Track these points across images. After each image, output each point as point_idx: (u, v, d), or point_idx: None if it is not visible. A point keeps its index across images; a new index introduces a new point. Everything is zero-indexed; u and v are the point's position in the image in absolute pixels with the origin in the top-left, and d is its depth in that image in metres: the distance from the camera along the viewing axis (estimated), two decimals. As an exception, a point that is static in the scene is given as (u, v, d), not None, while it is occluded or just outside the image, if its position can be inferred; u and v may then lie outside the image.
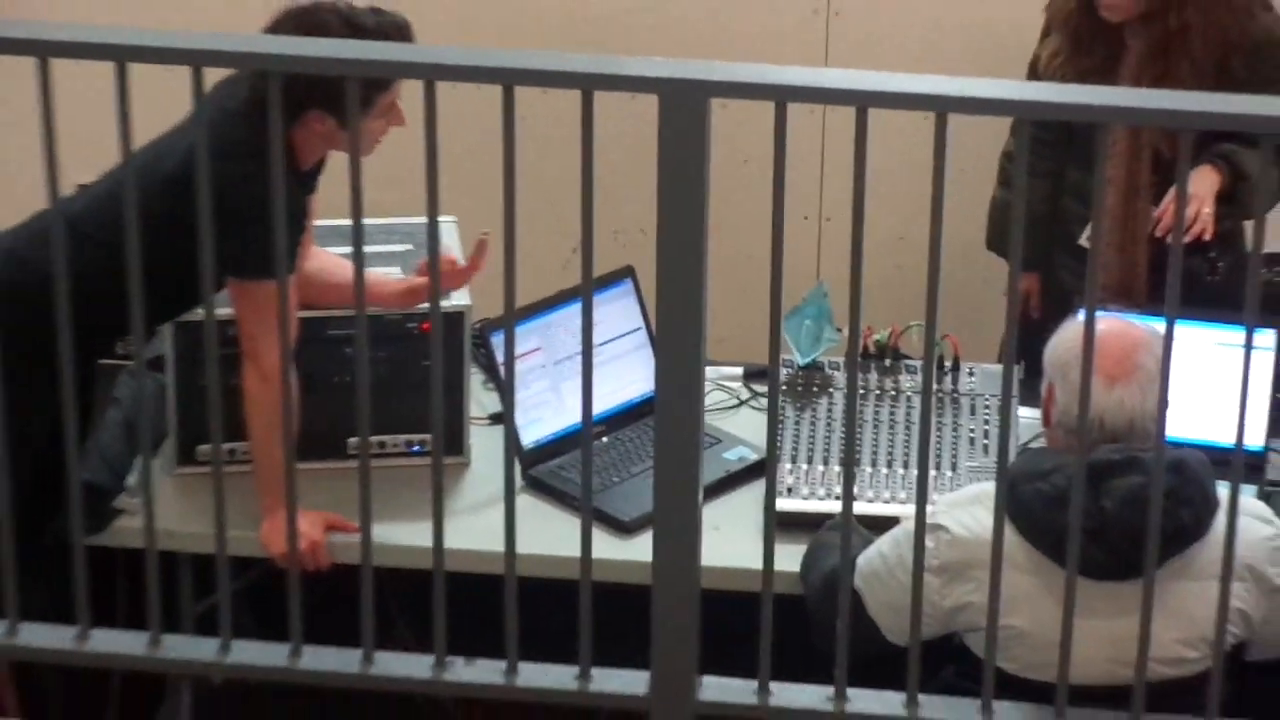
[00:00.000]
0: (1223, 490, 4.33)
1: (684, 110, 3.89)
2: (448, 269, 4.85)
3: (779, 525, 4.45)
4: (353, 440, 4.54)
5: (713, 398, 4.49)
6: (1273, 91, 5.34)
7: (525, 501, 4.60)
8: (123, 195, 4.00)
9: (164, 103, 4.13)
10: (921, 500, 4.23)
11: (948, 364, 5.38)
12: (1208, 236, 5.19)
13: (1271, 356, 4.90)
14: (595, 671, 4.25)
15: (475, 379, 5.40)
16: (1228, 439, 4.51)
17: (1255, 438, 4.93)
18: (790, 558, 4.62)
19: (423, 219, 3.97)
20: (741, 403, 5.48)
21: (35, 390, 4.25)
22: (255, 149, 4.28)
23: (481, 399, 5.41)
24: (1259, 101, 4.93)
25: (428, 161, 3.88)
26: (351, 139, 3.85)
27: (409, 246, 5.30)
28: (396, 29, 4.87)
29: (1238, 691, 4.29)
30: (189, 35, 4.15)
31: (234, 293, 4.77)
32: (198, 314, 4.39)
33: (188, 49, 4.10)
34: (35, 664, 4.60)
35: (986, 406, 5.29)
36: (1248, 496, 4.42)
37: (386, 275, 5.12)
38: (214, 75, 4.18)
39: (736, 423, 5.35)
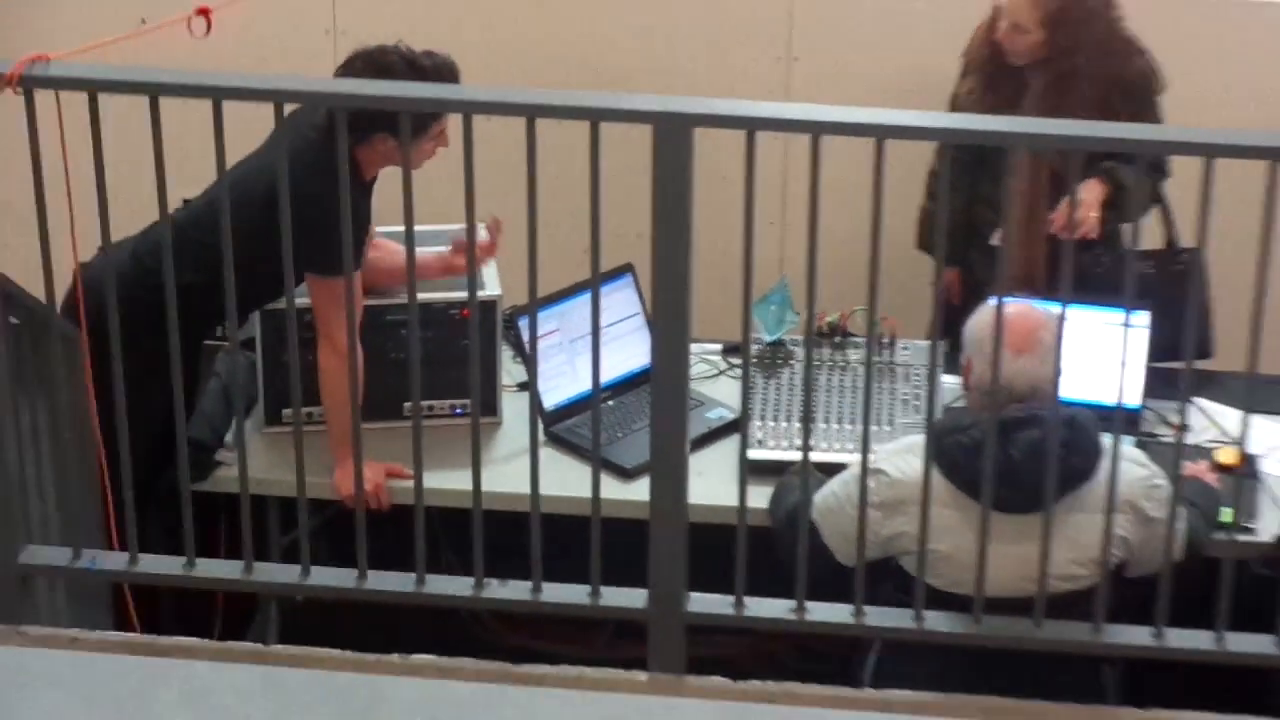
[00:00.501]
0: (1107, 440, 4.31)
1: (673, 137, 3.86)
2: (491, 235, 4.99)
3: (751, 471, 4.44)
4: (406, 404, 4.50)
5: (697, 368, 4.47)
6: (1144, 119, 5.33)
7: (547, 453, 4.57)
8: (219, 208, 4.03)
9: (246, 128, 4.08)
10: (865, 450, 4.28)
11: (886, 341, 5.37)
12: (1093, 236, 5.18)
13: (1145, 333, 4.87)
14: (604, 590, 4.27)
15: (506, 354, 5.39)
16: (1110, 399, 4.50)
17: (1132, 398, 4.90)
18: (760, 497, 4.60)
19: (461, 225, 4.00)
20: (720, 372, 5.47)
21: (153, 366, 4.21)
22: (327, 169, 4.24)
23: (511, 370, 5.41)
24: (1133, 128, 5.00)
25: (466, 178, 3.88)
26: (404, 161, 4.00)
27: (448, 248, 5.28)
28: (448, 69, 4.85)
29: (1119, 602, 4.25)
30: (274, 78, 4.13)
31: (311, 286, 4.78)
32: (281, 303, 4.36)
33: (274, 89, 4.10)
34: (152, 586, 4.56)
35: (917, 375, 5.28)
36: (1127, 445, 4.42)
37: (429, 254, 5.09)
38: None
39: (716, 388, 5.34)
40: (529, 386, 4.98)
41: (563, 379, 5.18)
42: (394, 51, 4.83)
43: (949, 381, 4.74)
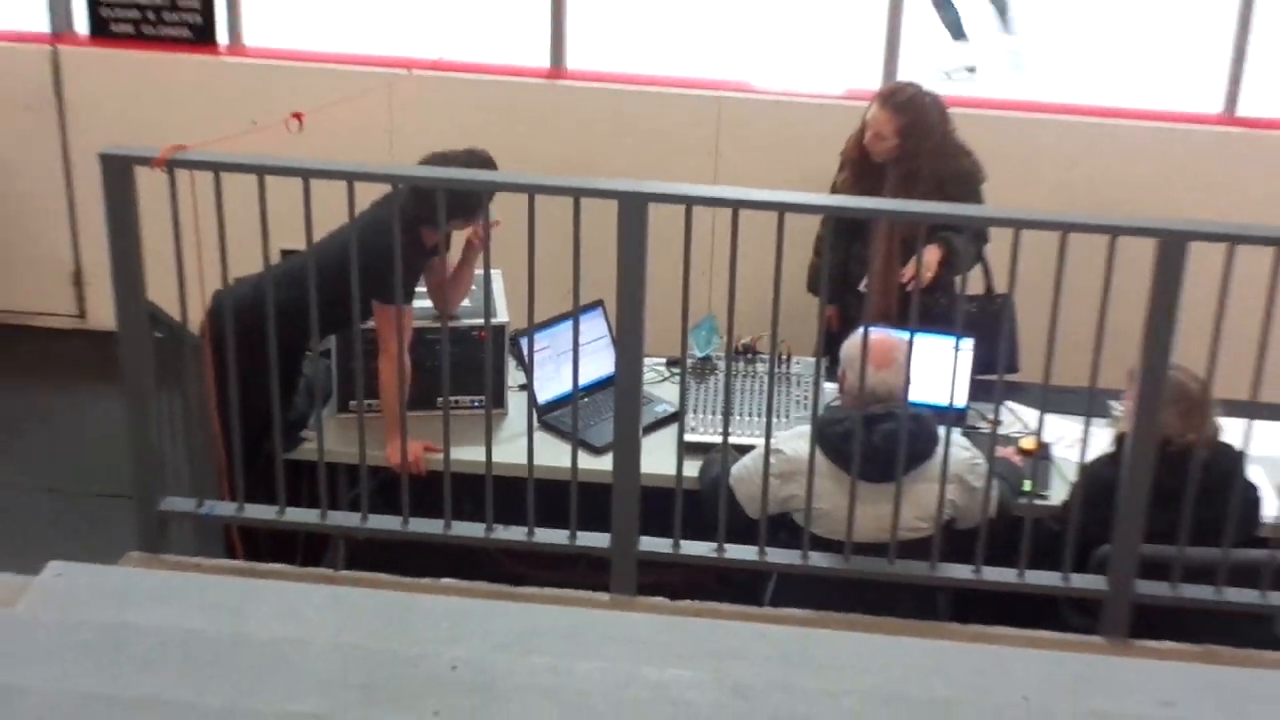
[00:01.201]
0: (942, 430, 4.32)
1: (633, 210, 3.86)
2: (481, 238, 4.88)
3: (685, 450, 4.43)
4: (439, 398, 4.49)
5: (648, 376, 4.43)
6: (969, 201, 5.35)
7: (539, 436, 4.55)
8: (307, 261, 4.06)
9: (326, 201, 4.08)
10: (767, 435, 4.30)
11: (784, 357, 5.35)
12: (927, 280, 5.14)
13: (969, 354, 4.87)
14: (580, 534, 4.24)
15: (511, 364, 5.36)
16: (944, 401, 4.51)
17: (960, 401, 4.90)
18: (692, 469, 4.57)
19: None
20: (664, 379, 5.40)
21: (262, 367, 4.23)
22: (386, 241, 4.28)
23: (514, 375, 5.35)
24: (960, 208, 5.01)
25: (484, 237, 3.86)
26: (441, 239, 3.84)
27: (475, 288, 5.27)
28: (487, 158, 4.85)
29: (950, 547, 4.25)
30: (353, 165, 4.12)
31: (376, 312, 4.76)
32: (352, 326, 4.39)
33: (346, 171, 4.08)
34: (254, 528, 4.54)
35: (806, 382, 5.25)
36: (956, 435, 4.40)
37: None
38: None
39: (662, 390, 5.30)
40: (527, 387, 5.01)
41: (552, 382, 5.16)
42: (454, 155, 4.81)
43: (829, 387, 4.72)
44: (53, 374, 6.77)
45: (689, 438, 4.73)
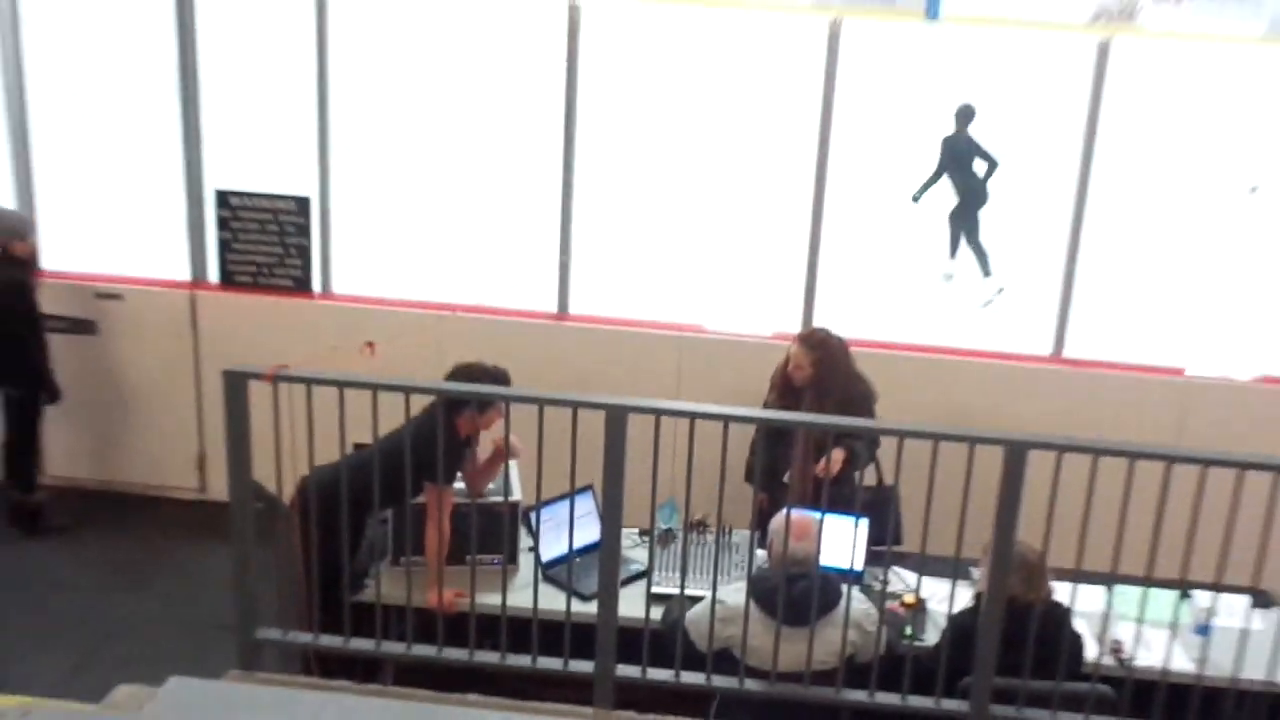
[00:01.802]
0: (844, 587, 4.30)
1: (616, 419, 3.89)
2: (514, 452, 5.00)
3: (652, 599, 4.40)
4: (468, 556, 4.47)
5: (625, 543, 4.40)
6: (865, 415, 5.39)
7: (543, 587, 4.51)
8: (373, 453, 4.05)
9: (391, 406, 4.11)
10: (714, 589, 4.26)
11: (726, 530, 5.31)
12: (834, 474, 5.14)
13: (865, 530, 4.88)
14: (571, 661, 4.20)
15: (523, 532, 5.31)
16: (846, 566, 4.51)
17: (858, 565, 4.88)
18: (656, 613, 4.53)
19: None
20: (637, 544, 5.35)
21: (337, 533, 4.24)
22: (432, 435, 4.29)
23: (525, 540, 5.29)
24: (858, 421, 5.01)
25: (505, 437, 3.88)
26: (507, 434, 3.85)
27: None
28: (505, 374, 4.91)
29: (850, 676, 4.21)
30: (408, 380, 4.16)
31: (426, 490, 4.76)
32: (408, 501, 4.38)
33: (403, 385, 4.09)
34: (325, 653, 4.49)
35: (743, 549, 5.22)
36: (855, 591, 4.38)
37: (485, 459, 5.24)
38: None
39: (635, 553, 5.24)
40: (534, 549, 5.05)
41: (553, 546, 5.11)
42: (478, 367, 4.89)
43: (760, 554, 4.72)
44: (179, 533, 6.74)
45: (655, 590, 4.70)
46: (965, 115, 10.88)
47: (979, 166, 10.80)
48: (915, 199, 11.15)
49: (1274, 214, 12.48)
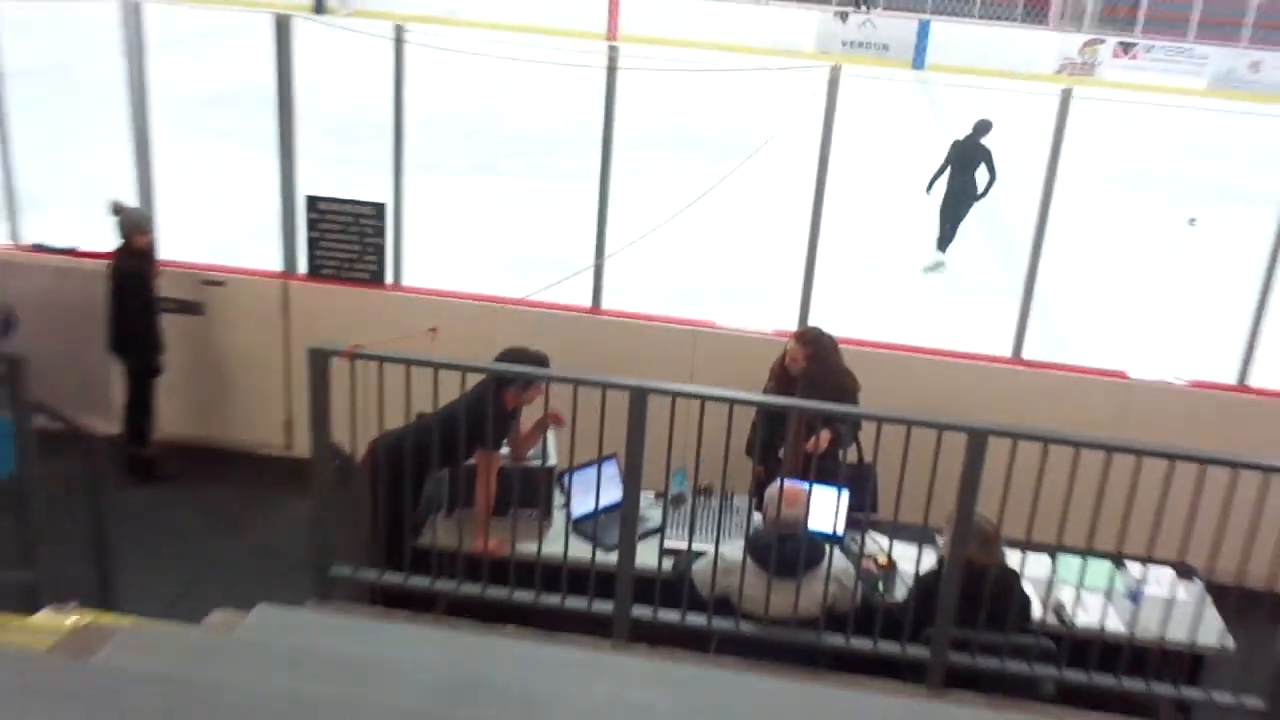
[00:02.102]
0: (827, 548, 4.32)
1: (638, 398, 3.92)
2: (552, 419, 4.87)
3: (664, 552, 4.43)
4: (510, 511, 4.49)
5: (642, 503, 4.41)
6: (849, 403, 5.37)
7: (573, 539, 4.54)
8: (434, 424, 4.06)
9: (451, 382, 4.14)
10: (716, 545, 4.27)
11: (729, 497, 5.33)
12: (822, 450, 5.13)
13: (846, 499, 4.87)
14: (595, 601, 4.22)
15: (557, 492, 5.30)
16: (829, 530, 4.52)
17: (839, 529, 4.87)
18: (667, 564, 4.55)
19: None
20: (652, 505, 5.32)
21: (402, 487, 4.27)
22: (483, 407, 4.31)
23: (558, 499, 5.28)
24: (843, 407, 5.01)
25: (545, 409, 3.90)
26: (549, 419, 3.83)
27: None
28: (545, 357, 4.87)
29: (830, 623, 4.22)
30: (465, 360, 4.19)
31: (478, 455, 4.77)
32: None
33: (460, 364, 4.11)
34: (388, 587, 4.51)
35: (742, 513, 5.20)
36: (836, 552, 4.39)
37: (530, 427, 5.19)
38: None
39: (651, 513, 5.20)
40: (566, 507, 5.06)
41: (582, 504, 5.09)
42: (522, 350, 4.86)
43: (756, 516, 4.72)
44: (267, 484, 6.77)
45: (666, 544, 4.72)
46: (983, 127, 10.94)
47: (981, 176, 10.86)
48: (928, 190, 11.19)
49: (1208, 242, 12.40)
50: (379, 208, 6.70)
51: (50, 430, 4.93)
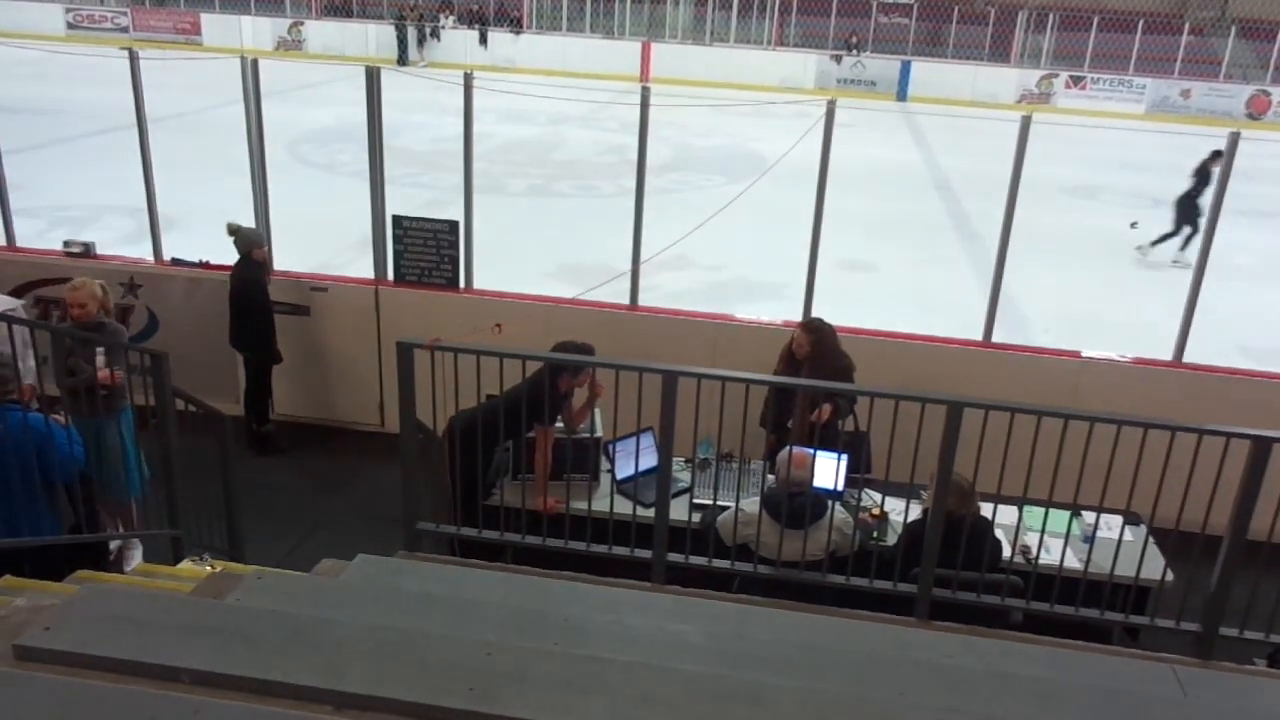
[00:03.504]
0: (830, 502, 4.28)
1: (669, 380, 3.88)
2: (596, 389, 4.83)
3: (693, 507, 4.41)
4: (565, 475, 4.49)
5: (674, 467, 4.38)
6: (847, 381, 5.31)
7: (617, 498, 4.52)
8: (501, 404, 4.04)
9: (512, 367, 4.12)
10: (737, 500, 4.24)
11: (749, 461, 5.25)
12: (824, 420, 5.10)
13: (845, 461, 4.83)
14: (636, 550, 4.19)
15: (603, 459, 5.29)
16: (832, 487, 4.48)
17: (840, 487, 4.84)
18: (696, 517, 4.53)
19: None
20: (683, 469, 5.30)
21: (474, 456, 4.27)
22: (540, 390, 4.29)
23: (604, 464, 5.28)
24: (842, 385, 4.93)
25: (591, 385, 3.87)
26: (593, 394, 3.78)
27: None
28: (591, 347, 4.83)
29: (833, 565, 4.19)
30: (525, 350, 4.16)
31: (537, 429, 4.75)
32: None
33: (521, 354, 4.06)
34: (465, 540, 4.51)
35: (757, 475, 5.16)
36: (837, 506, 4.36)
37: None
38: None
39: (682, 475, 5.18)
40: (611, 471, 5.05)
41: (624, 468, 5.10)
42: (574, 343, 4.82)
43: (770, 478, 4.69)
44: (364, 455, 6.82)
45: (695, 501, 4.72)
46: (1215, 157, 10.67)
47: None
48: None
49: (1147, 242, 12.18)
50: (453, 224, 6.71)
51: (187, 413, 4.99)
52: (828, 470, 4.73)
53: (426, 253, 6.75)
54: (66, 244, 7.17)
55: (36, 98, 18.09)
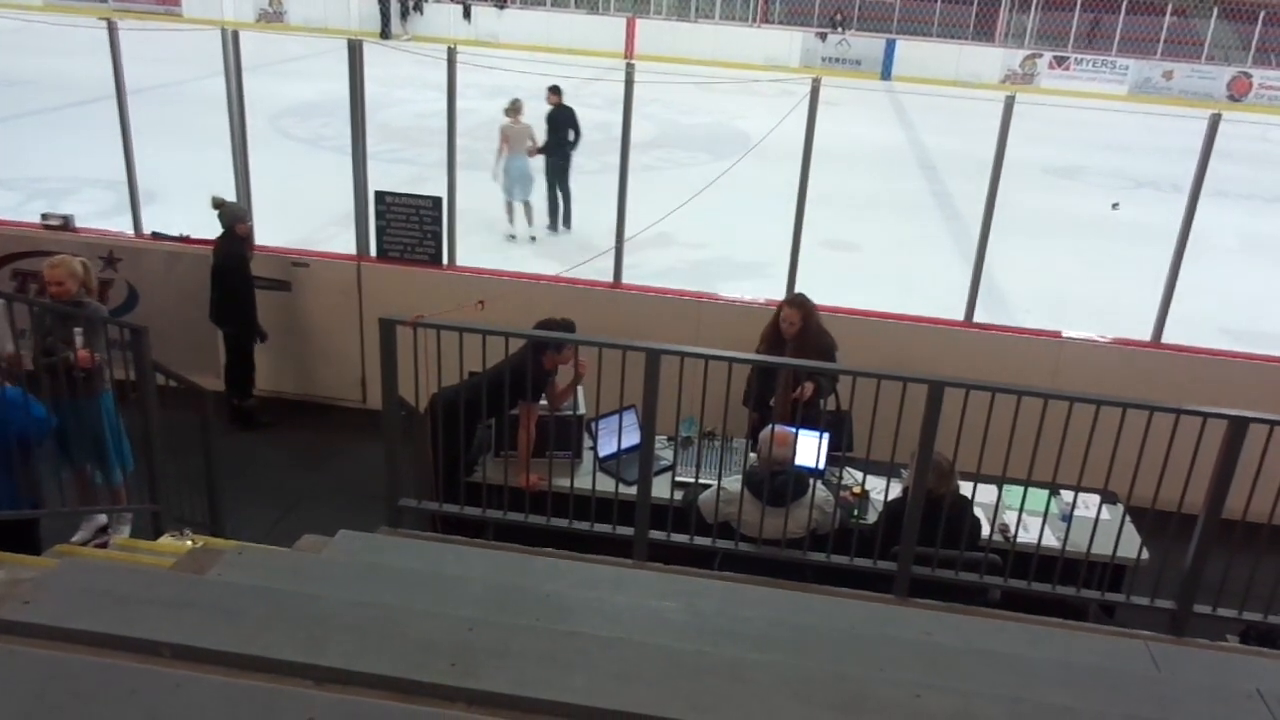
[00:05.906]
0: (811, 480, 4.29)
1: (653, 358, 3.87)
2: (580, 370, 4.81)
3: (675, 485, 4.41)
4: (548, 452, 4.48)
5: (656, 445, 4.38)
6: (829, 360, 5.32)
7: (600, 475, 4.52)
8: (483, 381, 4.02)
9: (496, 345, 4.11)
10: (719, 479, 4.23)
11: (730, 440, 5.29)
12: (806, 398, 5.10)
13: (826, 440, 4.84)
14: (618, 527, 4.20)
15: (586, 436, 5.28)
16: (813, 465, 4.49)
17: (821, 465, 4.85)
18: (678, 495, 4.54)
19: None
20: (665, 447, 5.29)
21: (457, 433, 4.25)
22: (523, 366, 4.27)
23: (587, 441, 5.27)
24: (824, 364, 4.93)
25: (575, 364, 3.86)
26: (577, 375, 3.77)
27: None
28: (573, 325, 4.82)
29: (813, 542, 4.21)
30: (507, 327, 4.14)
31: (520, 406, 4.74)
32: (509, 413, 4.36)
33: (504, 331, 4.03)
34: (446, 516, 4.51)
35: (739, 452, 5.19)
36: (819, 484, 4.36)
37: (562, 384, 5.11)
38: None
39: (665, 453, 5.19)
40: (594, 448, 5.04)
41: (607, 446, 5.09)
42: (555, 320, 4.81)
43: (752, 455, 4.70)
44: (346, 431, 6.79)
45: (677, 479, 4.71)
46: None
47: None
48: None
49: (1128, 222, 12.24)
50: (436, 200, 6.66)
51: (168, 388, 4.94)
52: (809, 449, 4.73)
53: (409, 229, 6.70)
54: (45, 217, 7.07)
55: (13, 68, 17.81)
